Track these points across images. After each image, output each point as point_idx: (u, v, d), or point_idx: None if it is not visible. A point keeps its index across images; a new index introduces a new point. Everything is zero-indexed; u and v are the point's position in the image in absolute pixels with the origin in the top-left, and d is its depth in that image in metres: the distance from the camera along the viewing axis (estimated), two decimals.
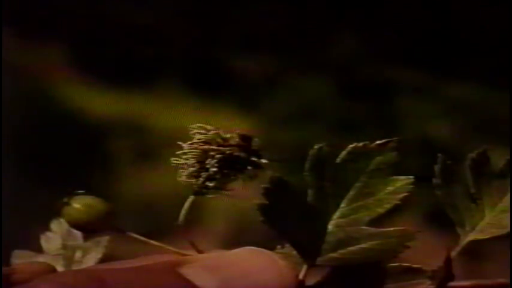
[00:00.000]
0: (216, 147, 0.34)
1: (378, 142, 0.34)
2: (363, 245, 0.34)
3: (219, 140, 0.34)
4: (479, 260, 1.38)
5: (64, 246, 0.39)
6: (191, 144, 0.34)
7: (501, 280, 0.35)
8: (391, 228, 0.34)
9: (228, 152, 0.34)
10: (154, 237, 0.35)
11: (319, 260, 0.34)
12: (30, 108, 1.70)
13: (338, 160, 0.34)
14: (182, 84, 1.81)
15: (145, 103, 1.76)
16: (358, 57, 1.89)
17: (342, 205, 0.35)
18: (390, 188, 0.34)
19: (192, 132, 0.34)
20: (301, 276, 0.34)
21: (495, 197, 0.36)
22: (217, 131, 0.34)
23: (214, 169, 0.34)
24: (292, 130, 1.71)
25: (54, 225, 0.40)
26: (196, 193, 0.34)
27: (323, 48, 1.90)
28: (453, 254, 0.35)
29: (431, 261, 0.34)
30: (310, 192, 0.34)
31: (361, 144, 0.34)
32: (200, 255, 0.34)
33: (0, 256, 0.40)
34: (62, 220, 0.37)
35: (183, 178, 0.34)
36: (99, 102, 1.75)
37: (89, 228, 0.35)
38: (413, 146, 1.56)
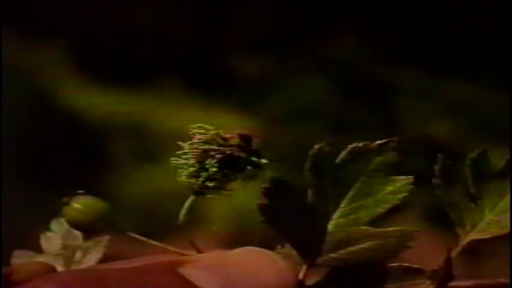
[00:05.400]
0: (216, 147, 0.34)
1: (378, 142, 0.34)
2: (363, 245, 0.34)
3: (219, 140, 0.34)
4: (479, 260, 1.38)
5: (64, 246, 0.39)
6: (191, 144, 0.34)
7: (501, 280, 0.35)
8: (391, 228, 0.34)
9: (228, 152, 0.34)
10: (154, 237, 0.35)
11: (319, 260, 0.34)
12: (30, 108, 1.70)
13: (338, 160, 0.34)
14: (182, 84, 1.81)
15: (145, 103, 1.76)
16: (358, 57, 1.89)
17: (342, 205, 0.35)
18: (390, 188, 0.34)
19: (192, 132, 0.34)
20: (301, 276, 0.34)
21: (495, 197, 0.36)
22: (217, 131, 0.34)
23: (214, 169, 0.34)
24: (292, 130, 1.71)
25: (54, 225, 0.40)
26: (196, 193, 0.34)
27: (323, 48, 1.90)
28: (453, 254, 0.35)
29: (431, 261, 0.34)
30: (310, 192, 0.34)
31: (361, 144, 0.34)
32: (200, 255, 0.34)
33: (0, 256, 0.40)
34: (62, 220, 0.37)
35: (183, 178, 0.34)
36: (99, 102, 1.75)
37: (89, 228, 0.35)
38: (413, 146, 1.56)
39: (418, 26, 1.91)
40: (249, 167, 0.34)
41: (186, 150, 0.34)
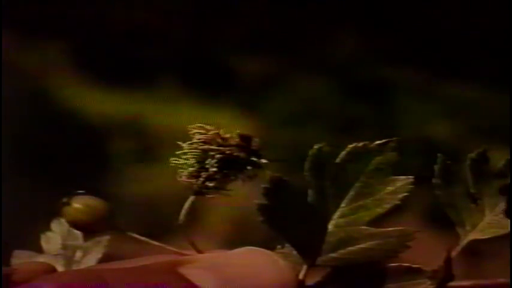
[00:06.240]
0: (215, 147, 0.34)
1: (377, 142, 0.34)
2: (363, 245, 0.34)
3: (218, 140, 0.34)
4: (479, 260, 1.38)
5: (64, 246, 0.39)
6: (191, 144, 0.34)
7: (501, 280, 0.35)
8: (391, 228, 0.34)
9: (227, 152, 0.34)
10: (154, 237, 0.35)
11: (319, 260, 0.34)
12: (30, 108, 1.70)
13: (338, 160, 0.34)
14: (182, 84, 1.81)
15: (145, 103, 1.76)
16: (358, 57, 1.89)
17: (342, 205, 0.35)
18: (390, 188, 0.34)
19: (191, 132, 0.34)
20: (301, 276, 0.34)
21: (495, 197, 0.36)
22: (217, 131, 0.34)
23: (214, 169, 0.34)
24: (292, 130, 1.71)
25: (54, 225, 0.40)
26: (196, 193, 0.34)
27: (323, 48, 1.90)
28: (453, 254, 0.35)
29: (431, 261, 0.34)
30: (310, 192, 0.34)
31: (361, 144, 0.34)
32: (200, 255, 0.34)
33: (0, 256, 0.39)
34: (62, 220, 0.37)
35: (183, 178, 0.34)
36: (99, 102, 1.75)
37: (89, 228, 0.35)
38: (413, 146, 1.56)
39: (418, 26, 1.91)
40: (248, 167, 0.34)
41: (185, 150, 0.34)
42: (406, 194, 0.34)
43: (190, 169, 0.34)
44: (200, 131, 0.34)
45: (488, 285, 0.35)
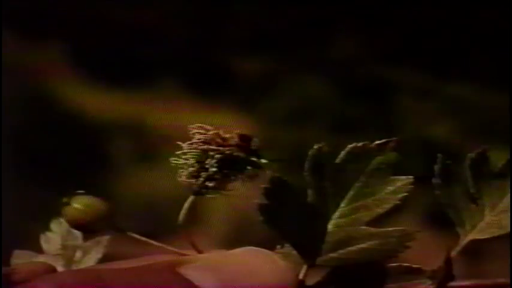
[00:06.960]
0: (215, 147, 0.34)
1: (377, 142, 0.34)
2: (363, 245, 0.34)
3: (218, 140, 0.34)
4: (479, 260, 1.38)
5: (64, 246, 0.39)
6: (191, 144, 0.34)
7: (501, 280, 0.35)
8: (391, 228, 0.34)
9: (227, 152, 0.34)
10: (154, 237, 0.35)
11: (319, 260, 0.34)
12: (30, 108, 1.70)
13: (338, 160, 0.34)
14: (182, 84, 1.81)
15: (145, 103, 1.76)
16: (358, 57, 1.89)
17: (342, 205, 0.35)
18: (390, 188, 0.34)
19: (191, 132, 0.34)
20: (301, 276, 0.34)
21: (495, 197, 0.36)
22: (216, 131, 0.34)
23: (214, 169, 0.34)
24: (292, 130, 1.71)
25: (54, 225, 0.40)
26: (196, 193, 0.34)
27: (323, 48, 1.90)
28: (453, 254, 0.35)
29: (431, 261, 0.34)
30: (310, 192, 0.34)
31: (361, 144, 0.34)
32: (200, 255, 0.34)
33: (0, 256, 0.39)
34: (62, 220, 0.37)
35: (183, 178, 0.34)
36: (99, 102, 1.75)
37: (89, 228, 0.35)
38: (413, 146, 1.56)
39: (418, 25, 1.91)
40: (248, 167, 0.34)
41: (185, 150, 0.34)
42: (406, 194, 0.34)
43: (190, 169, 0.34)
44: (200, 131, 0.34)
45: (488, 285, 0.35)
